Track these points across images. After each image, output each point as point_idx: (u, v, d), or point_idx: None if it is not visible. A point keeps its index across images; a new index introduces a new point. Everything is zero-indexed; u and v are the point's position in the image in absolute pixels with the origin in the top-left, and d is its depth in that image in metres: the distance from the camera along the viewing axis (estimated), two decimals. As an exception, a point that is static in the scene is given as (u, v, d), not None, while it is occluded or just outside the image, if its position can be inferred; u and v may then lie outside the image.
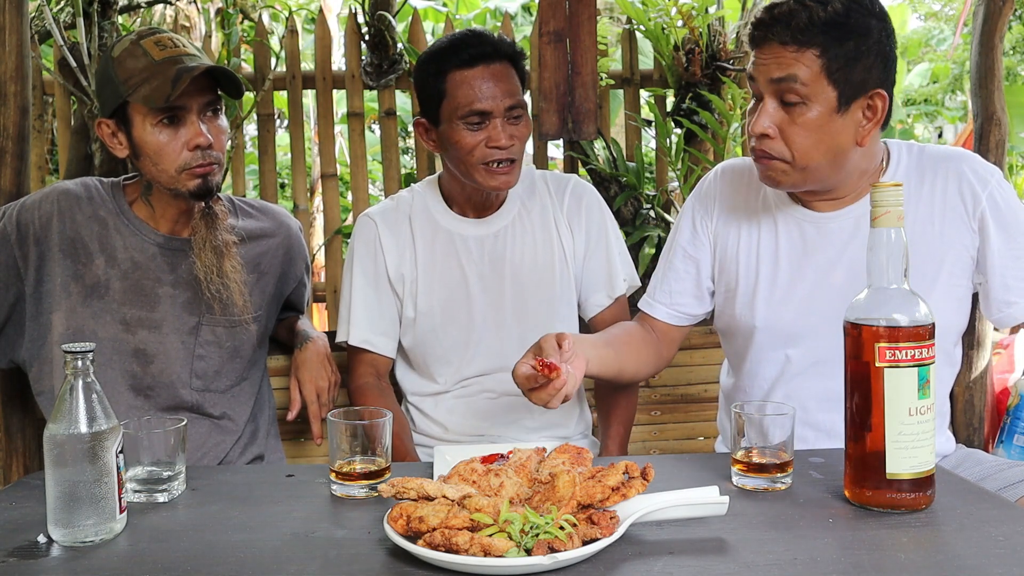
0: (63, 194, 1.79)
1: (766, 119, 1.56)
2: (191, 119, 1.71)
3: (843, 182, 1.64)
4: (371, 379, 1.97)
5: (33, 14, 2.95)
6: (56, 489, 1.17)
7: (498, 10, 7.20)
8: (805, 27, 1.51)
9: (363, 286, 1.96)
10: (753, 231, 1.75)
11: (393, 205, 2.01)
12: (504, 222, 1.97)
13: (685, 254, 1.83)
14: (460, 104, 1.82)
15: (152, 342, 1.79)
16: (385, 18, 2.99)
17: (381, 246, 1.96)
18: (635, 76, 3.09)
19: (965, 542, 1.14)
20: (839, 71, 1.52)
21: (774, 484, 1.34)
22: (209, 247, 1.76)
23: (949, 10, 12.50)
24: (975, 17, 2.43)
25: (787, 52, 1.52)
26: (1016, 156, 7.13)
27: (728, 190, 1.80)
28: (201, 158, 1.72)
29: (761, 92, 1.57)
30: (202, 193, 1.75)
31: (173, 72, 1.66)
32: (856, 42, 1.52)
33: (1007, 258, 1.63)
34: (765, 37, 1.55)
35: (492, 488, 1.17)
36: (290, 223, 2.01)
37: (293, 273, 2.00)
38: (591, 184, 2.10)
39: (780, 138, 1.56)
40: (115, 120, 1.74)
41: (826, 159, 1.57)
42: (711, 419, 2.29)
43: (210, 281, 1.76)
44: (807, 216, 1.70)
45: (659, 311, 1.84)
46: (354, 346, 1.97)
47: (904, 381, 1.21)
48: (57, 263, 1.76)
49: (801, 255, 1.70)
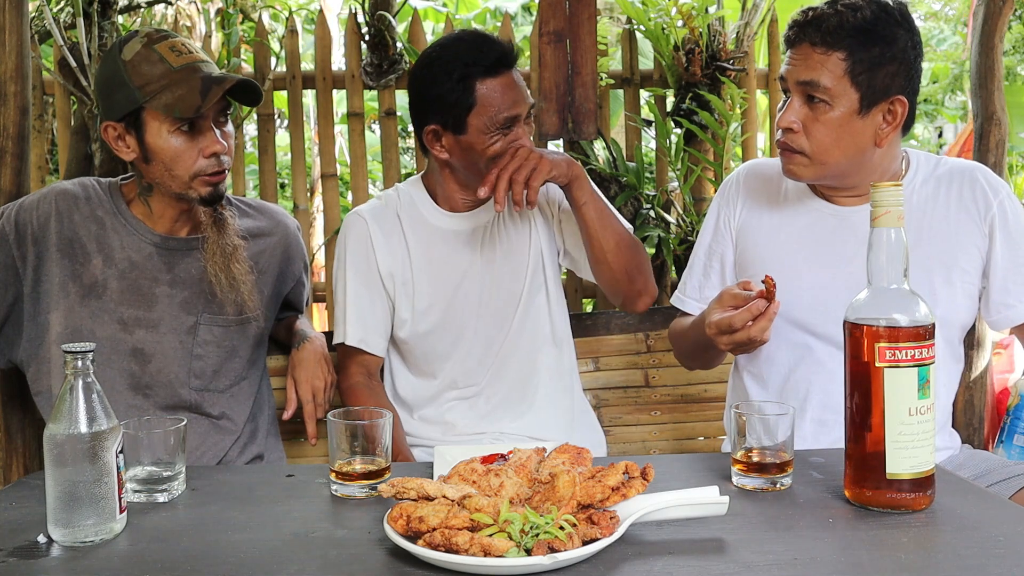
0: (61, 194, 1.79)
1: (792, 115, 1.65)
2: (208, 126, 1.72)
3: (863, 180, 1.71)
4: (362, 379, 1.97)
5: (33, 14, 2.95)
6: (56, 489, 1.17)
7: (498, 10, 7.20)
8: (834, 30, 1.60)
9: (355, 285, 1.96)
10: (775, 224, 1.81)
11: (381, 203, 2.01)
12: (491, 215, 1.98)
13: (710, 251, 1.90)
14: (495, 112, 1.82)
15: (150, 341, 1.79)
16: (385, 18, 2.99)
17: (372, 244, 1.96)
18: (635, 76, 3.09)
19: (965, 542, 1.14)
20: (863, 75, 1.60)
21: (774, 484, 1.34)
22: (219, 251, 1.78)
23: (949, 10, 12.49)
24: (975, 17, 2.43)
25: (816, 53, 1.62)
26: (1016, 156, 7.12)
27: (751, 187, 1.87)
28: (216, 165, 1.74)
29: (789, 90, 1.66)
30: (212, 200, 1.76)
31: (198, 82, 1.67)
32: (882, 49, 1.60)
33: (1009, 264, 1.70)
34: (798, 37, 1.65)
35: (492, 488, 1.17)
36: (288, 222, 2.01)
37: (291, 272, 2.00)
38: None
39: (803, 133, 1.65)
40: (124, 124, 1.73)
41: (845, 157, 1.66)
42: (711, 419, 2.29)
43: (219, 284, 1.77)
44: (830, 209, 1.77)
45: (690, 306, 1.91)
46: (347, 346, 1.96)
47: (904, 381, 1.21)
48: (55, 263, 1.76)
49: (823, 244, 1.76)
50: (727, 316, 1.56)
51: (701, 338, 1.72)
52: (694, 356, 1.92)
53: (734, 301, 1.57)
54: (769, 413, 1.37)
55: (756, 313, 1.53)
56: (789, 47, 1.68)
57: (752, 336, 1.54)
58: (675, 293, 1.95)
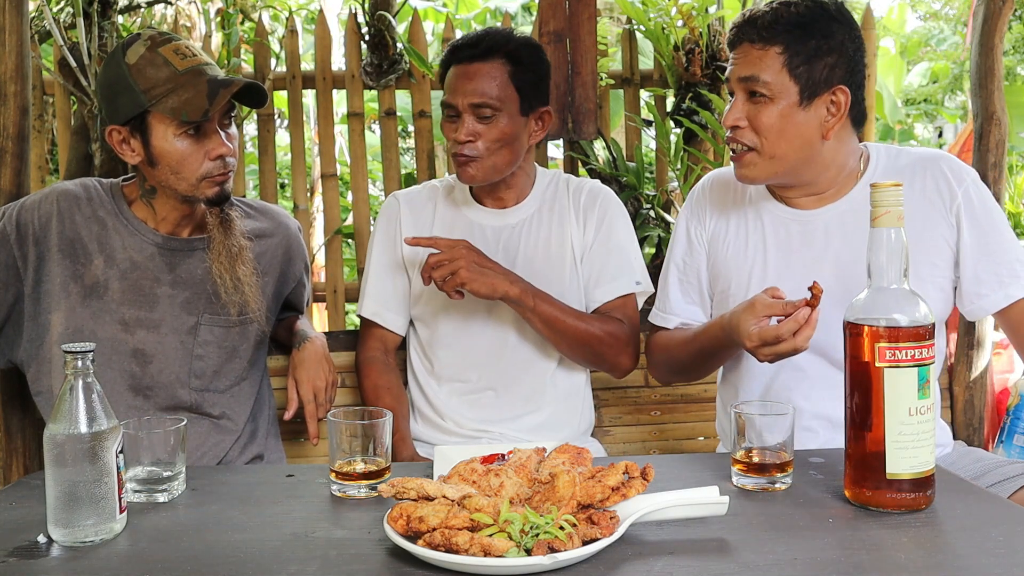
0: (63, 194, 1.79)
1: (736, 112, 1.68)
2: (213, 129, 1.72)
3: (818, 176, 1.71)
4: (378, 353, 2.05)
5: (33, 14, 2.95)
6: (56, 489, 1.17)
7: (498, 10, 7.20)
8: (770, 25, 1.65)
9: (380, 263, 2.06)
10: (742, 233, 1.80)
11: (421, 190, 2.10)
12: (523, 215, 2.02)
13: (685, 265, 1.88)
14: (444, 96, 1.92)
15: (151, 342, 1.79)
16: (385, 18, 2.99)
17: (400, 225, 2.03)
18: (635, 76, 3.09)
19: (965, 542, 1.14)
20: (801, 67, 1.63)
21: (774, 484, 1.34)
22: (225, 252, 1.78)
23: (949, 10, 12.50)
24: (975, 17, 2.43)
25: (754, 50, 1.66)
26: (1016, 156, 7.13)
27: (717, 196, 1.86)
28: (222, 167, 1.74)
29: (733, 90, 1.70)
30: (219, 200, 1.77)
31: (204, 85, 1.67)
32: (818, 41, 1.64)
33: (978, 252, 1.68)
34: (737, 38, 1.69)
35: (492, 488, 1.17)
36: (289, 223, 2.01)
37: (292, 273, 2.01)
38: (612, 190, 2.11)
39: (749, 128, 1.67)
40: (129, 127, 1.73)
41: (792, 149, 1.66)
42: (711, 419, 2.29)
43: (224, 285, 1.78)
44: (791, 214, 1.76)
45: (674, 323, 1.88)
46: (366, 319, 2.05)
47: (904, 381, 1.21)
48: (56, 263, 1.76)
49: (788, 252, 1.75)
50: (772, 327, 1.51)
51: (715, 347, 1.71)
52: (689, 369, 1.89)
53: (769, 311, 1.53)
54: (769, 413, 1.37)
55: (802, 322, 1.49)
56: (731, 49, 1.71)
57: (798, 346, 1.50)
58: (654, 311, 1.92)
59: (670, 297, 1.89)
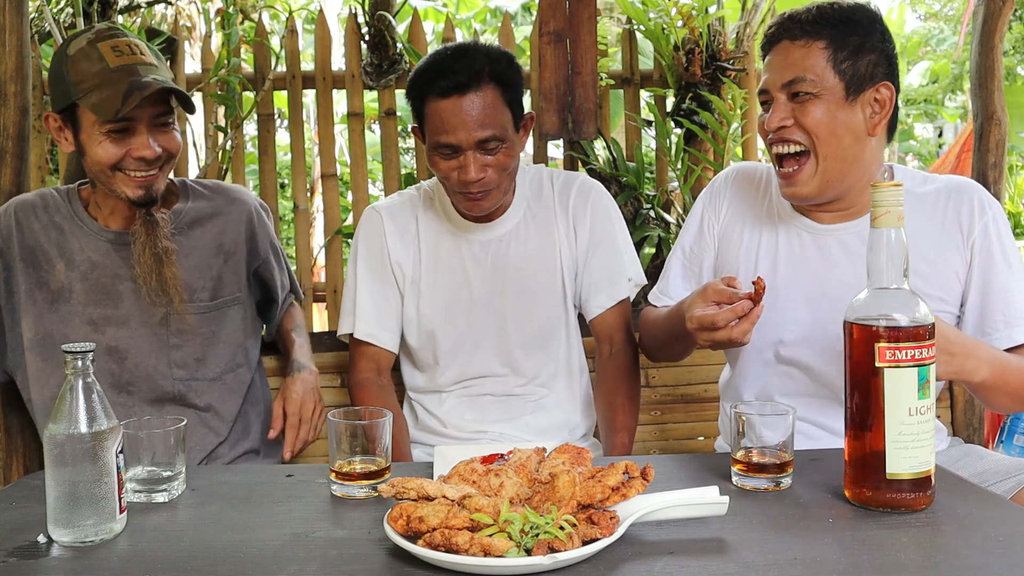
0: (20, 206, 1.83)
1: (781, 112, 1.64)
2: (140, 130, 1.70)
3: (857, 181, 1.67)
4: (371, 375, 1.96)
5: (33, 14, 2.95)
6: (56, 489, 1.17)
7: (498, 10, 7.20)
8: (813, 20, 1.63)
9: (368, 280, 1.96)
10: (755, 236, 1.79)
11: (401, 201, 2.01)
12: (509, 226, 1.96)
13: (691, 253, 1.88)
14: (433, 133, 1.80)
15: (123, 338, 1.80)
16: (385, 18, 2.99)
17: (386, 240, 1.96)
18: (635, 76, 3.09)
19: (965, 542, 1.14)
20: (845, 62, 1.61)
21: (774, 484, 1.34)
22: (149, 253, 1.76)
23: (949, 10, 12.49)
24: (975, 17, 2.43)
25: (796, 47, 1.63)
26: (1016, 156, 7.13)
27: (738, 192, 1.84)
28: (144, 167, 1.72)
29: (773, 97, 1.65)
30: (144, 202, 1.75)
31: (125, 85, 1.65)
32: (860, 37, 1.62)
33: (987, 288, 1.66)
34: (776, 35, 1.66)
35: (492, 488, 1.17)
36: (247, 199, 1.96)
37: (257, 250, 1.96)
38: (599, 183, 2.07)
39: (796, 126, 1.63)
40: (62, 117, 1.74)
41: (843, 147, 1.62)
42: (711, 419, 2.29)
43: (148, 286, 1.76)
44: (809, 226, 1.74)
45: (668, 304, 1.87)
46: (357, 339, 1.96)
47: (904, 381, 1.21)
48: (21, 273, 1.80)
49: (799, 264, 1.73)
50: (710, 313, 1.50)
51: (676, 329, 1.69)
52: (665, 347, 1.89)
53: (718, 297, 1.52)
54: (769, 413, 1.37)
55: (741, 314, 1.48)
56: (768, 51, 1.67)
57: (733, 337, 1.49)
58: (654, 290, 1.92)
59: (670, 281, 1.89)
